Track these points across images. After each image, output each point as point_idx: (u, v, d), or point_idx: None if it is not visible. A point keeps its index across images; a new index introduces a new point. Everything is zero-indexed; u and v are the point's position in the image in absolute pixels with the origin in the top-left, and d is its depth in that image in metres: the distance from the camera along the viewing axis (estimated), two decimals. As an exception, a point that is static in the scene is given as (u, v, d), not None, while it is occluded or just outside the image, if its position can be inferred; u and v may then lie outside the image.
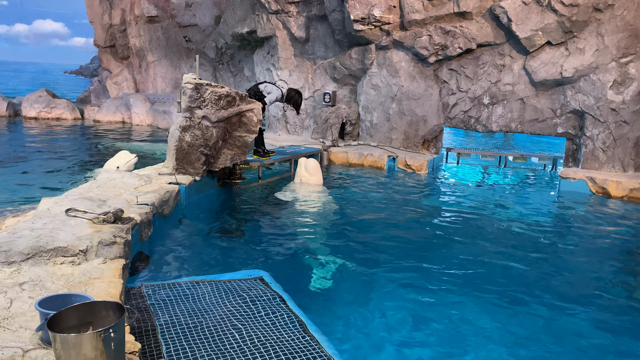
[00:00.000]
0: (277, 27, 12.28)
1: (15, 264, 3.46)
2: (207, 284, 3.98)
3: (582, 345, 3.79)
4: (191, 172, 6.76)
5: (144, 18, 17.81)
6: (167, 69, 18.29)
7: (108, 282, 3.32)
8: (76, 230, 3.92)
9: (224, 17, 15.09)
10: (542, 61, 9.52)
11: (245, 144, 7.39)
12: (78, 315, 2.46)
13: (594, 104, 9.20)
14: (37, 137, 14.23)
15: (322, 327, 3.39)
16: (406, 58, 10.70)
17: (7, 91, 27.52)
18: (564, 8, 9.02)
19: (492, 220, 7.07)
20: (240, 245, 5.64)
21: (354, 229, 6.35)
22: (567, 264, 5.63)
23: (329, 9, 11.19)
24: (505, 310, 4.26)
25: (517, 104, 10.00)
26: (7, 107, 18.22)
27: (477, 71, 10.17)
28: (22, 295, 3.07)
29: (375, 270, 4.98)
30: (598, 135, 9.25)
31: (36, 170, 9.56)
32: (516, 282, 4.89)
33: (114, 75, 19.78)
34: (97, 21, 19.43)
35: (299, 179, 8.37)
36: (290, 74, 12.46)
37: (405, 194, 8.45)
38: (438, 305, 4.28)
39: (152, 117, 17.53)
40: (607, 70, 9.06)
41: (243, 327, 3.27)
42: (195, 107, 6.77)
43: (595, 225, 7.13)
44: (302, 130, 12.51)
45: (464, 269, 5.13)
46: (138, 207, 4.86)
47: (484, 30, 9.85)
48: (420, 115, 10.78)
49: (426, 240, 6.10)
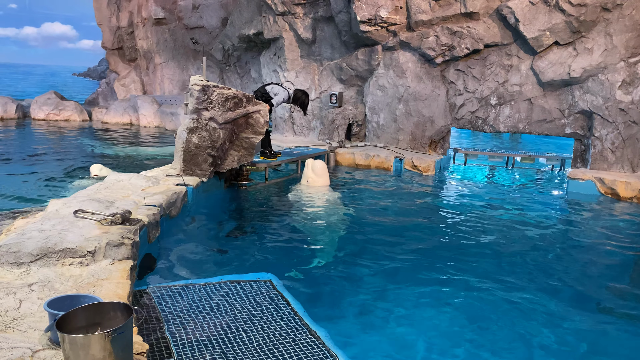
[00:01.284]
0: (283, 28, 12.30)
1: (24, 265, 3.48)
2: (215, 285, 3.99)
3: (586, 349, 3.77)
4: (198, 174, 6.78)
5: (152, 20, 17.90)
6: (175, 71, 18.38)
7: (116, 283, 3.33)
8: (84, 231, 3.95)
9: (231, 19, 15.13)
10: (549, 61, 9.47)
11: (252, 145, 7.41)
12: (86, 316, 2.48)
13: (602, 104, 9.14)
14: (31, 140, 14.32)
15: (330, 330, 3.39)
16: (413, 59, 10.68)
17: (16, 93, 27.75)
18: (572, 8, 8.97)
19: (499, 222, 7.03)
20: (248, 247, 5.65)
21: (361, 231, 6.34)
22: (576, 266, 5.60)
23: (335, 10, 11.19)
24: (514, 312, 4.24)
25: (524, 104, 9.95)
26: (16, 109, 18.38)
27: (484, 72, 10.13)
28: (31, 296, 3.10)
29: (384, 272, 4.97)
30: (607, 136, 9.18)
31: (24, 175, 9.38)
32: (524, 283, 4.86)
33: (122, 77, 19.90)
34: (105, 24, 19.57)
35: (306, 181, 8.37)
36: (296, 75, 12.47)
37: (413, 195, 8.43)
38: (447, 307, 4.27)
39: (159, 119, 17.61)
40: (615, 70, 9.00)
41: (250, 330, 3.28)
42: (203, 108, 6.80)
43: (604, 227, 7.08)
44: (309, 131, 12.52)
45: (472, 270, 5.11)
46: (146, 209, 4.88)
47: (491, 31, 9.82)
48: (427, 116, 10.75)
49: (434, 242, 6.08)
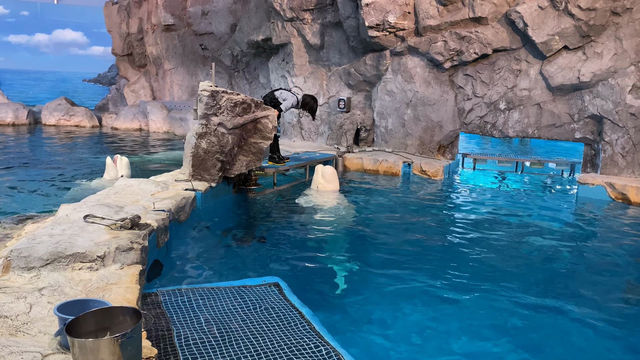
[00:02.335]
0: (292, 34, 12.35)
1: (34, 269, 3.51)
2: (223, 290, 4.00)
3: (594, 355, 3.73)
4: (207, 179, 6.81)
5: (161, 27, 18.05)
6: (184, 77, 18.49)
7: (125, 288, 3.35)
8: (94, 236, 3.97)
9: (240, 25, 15.22)
10: (559, 66, 9.43)
11: (261, 151, 7.43)
12: (96, 321, 2.49)
13: (612, 108, 9.08)
14: (43, 145, 14.45)
15: (338, 335, 3.38)
16: (421, 64, 10.68)
17: (27, 99, 28.03)
18: (581, 12, 8.93)
19: (509, 227, 6.99)
20: (256, 251, 5.66)
21: (370, 236, 6.33)
22: (586, 272, 5.54)
23: (343, 16, 11.22)
24: (523, 319, 4.20)
25: (533, 109, 9.90)
26: (27, 115, 18.58)
27: (493, 76, 10.11)
28: (41, 300, 3.12)
29: (393, 278, 4.95)
30: (617, 141, 9.11)
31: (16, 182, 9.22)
32: (533, 289, 4.83)
33: (132, 83, 20.05)
34: (115, 30, 19.76)
35: (316, 186, 8.37)
36: (305, 80, 12.50)
37: (421, 200, 8.40)
38: (457, 314, 4.24)
39: (168, 125, 17.72)
40: (625, 75, 8.94)
41: (258, 334, 3.28)
42: (212, 114, 6.83)
43: (615, 232, 7.01)
44: (317, 136, 12.54)
45: (483, 276, 5.07)
46: (155, 214, 4.91)
47: (499, 36, 9.79)
48: (435, 121, 10.73)
49: (444, 247, 6.05)
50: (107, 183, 8.35)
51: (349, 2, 10.98)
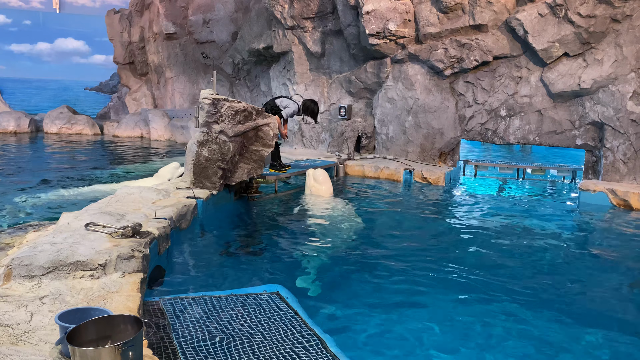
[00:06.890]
0: (293, 42, 12.40)
1: (36, 277, 3.50)
2: (224, 298, 3.99)
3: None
4: (208, 186, 6.81)
5: (163, 35, 18.13)
6: (185, 85, 18.55)
7: (126, 296, 3.34)
8: (95, 244, 3.97)
9: (241, 34, 15.28)
10: (559, 73, 9.45)
11: (262, 158, 7.44)
12: (97, 329, 2.49)
13: (613, 115, 9.08)
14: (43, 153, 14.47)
15: (339, 342, 3.36)
16: (422, 71, 10.70)
17: (29, 108, 28.08)
18: (581, 19, 8.96)
19: (510, 234, 6.97)
20: (257, 259, 5.65)
21: (372, 243, 6.32)
22: (588, 279, 5.52)
23: (344, 24, 11.27)
24: (522, 325, 4.19)
25: (534, 115, 9.91)
26: (29, 123, 18.63)
27: (493, 83, 10.12)
28: (42, 309, 3.11)
29: (396, 284, 4.94)
30: (618, 147, 9.11)
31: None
32: (535, 296, 4.81)
33: (133, 92, 20.11)
34: (116, 39, 19.83)
35: (309, 190, 8.44)
36: (306, 88, 12.54)
37: (423, 207, 8.39)
38: (460, 321, 4.22)
39: (170, 133, 17.75)
40: (626, 81, 8.95)
41: (260, 342, 3.27)
42: (213, 122, 6.85)
43: (617, 239, 6.99)
44: (318, 143, 12.55)
45: (484, 283, 5.05)
46: (156, 221, 4.91)
47: (500, 43, 9.82)
48: (436, 128, 10.74)
49: (445, 253, 6.03)
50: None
51: (350, 10, 11.03)
